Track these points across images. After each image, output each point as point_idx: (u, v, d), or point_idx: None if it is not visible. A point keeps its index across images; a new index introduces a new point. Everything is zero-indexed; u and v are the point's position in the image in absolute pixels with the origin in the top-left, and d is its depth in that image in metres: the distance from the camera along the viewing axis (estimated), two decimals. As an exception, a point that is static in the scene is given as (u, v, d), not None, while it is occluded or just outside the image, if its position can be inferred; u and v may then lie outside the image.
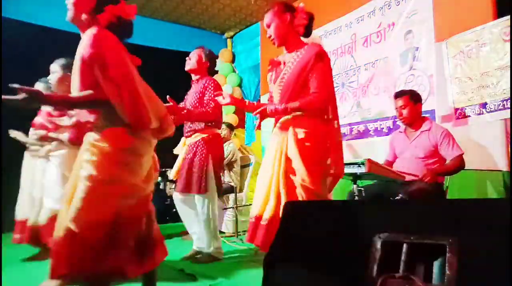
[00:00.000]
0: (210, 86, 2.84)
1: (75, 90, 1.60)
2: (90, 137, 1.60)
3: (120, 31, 1.65)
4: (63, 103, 1.61)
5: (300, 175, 1.90)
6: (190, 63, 2.95)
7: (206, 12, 5.24)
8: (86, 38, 1.56)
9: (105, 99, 1.54)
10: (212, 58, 3.00)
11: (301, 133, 1.95)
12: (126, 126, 1.57)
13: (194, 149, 2.82)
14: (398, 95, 2.84)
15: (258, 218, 1.92)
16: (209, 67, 2.98)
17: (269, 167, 1.99)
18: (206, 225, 2.80)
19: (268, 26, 2.09)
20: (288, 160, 1.94)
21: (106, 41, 1.56)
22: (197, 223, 2.89)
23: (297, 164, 1.90)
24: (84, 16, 1.62)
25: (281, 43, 2.10)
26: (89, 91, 1.55)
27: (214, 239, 2.83)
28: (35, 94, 1.44)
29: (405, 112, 2.76)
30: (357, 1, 3.96)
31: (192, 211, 2.90)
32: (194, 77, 2.99)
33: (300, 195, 1.88)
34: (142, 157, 1.64)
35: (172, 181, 5.78)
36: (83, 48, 1.55)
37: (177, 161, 2.96)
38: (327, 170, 1.99)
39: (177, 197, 2.94)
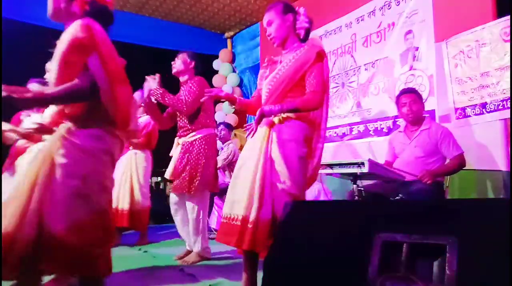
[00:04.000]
0: (195, 84, 2.85)
1: (53, 81, 1.50)
2: (64, 130, 1.53)
3: (99, 19, 1.58)
4: (42, 101, 1.48)
5: (282, 178, 1.84)
6: (176, 66, 2.96)
7: (206, 11, 5.24)
8: (75, 25, 1.48)
9: (89, 91, 1.47)
10: (196, 57, 3.01)
11: (286, 135, 1.91)
12: (105, 124, 1.54)
13: (190, 148, 2.84)
14: (407, 91, 2.83)
15: (245, 220, 1.82)
16: (195, 66, 2.99)
17: (251, 166, 1.91)
18: (195, 224, 2.81)
19: (269, 24, 2.05)
20: (271, 162, 1.88)
21: (97, 30, 1.50)
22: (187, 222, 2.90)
23: (280, 166, 1.86)
24: (62, 5, 1.56)
25: (280, 43, 2.08)
26: (74, 82, 1.46)
27: (202, 238, 2.84)
28: (8, 100, 1.34)
29: (415, 107, 2.74)
30: (357, 1, 3.96)
31: (184, 212, 2.92)
32: (182, 79, 2.98)
33: (281, 197, 1.82)
34: (114, 157, 1.61)
35: (171, 181, 5.79)
36: (71, 33, 1.46)
37: (171, 160, 2.96)
38: (306, 174, 1.96)
39: (172, 197, 2.96)
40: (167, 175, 2.97)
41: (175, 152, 2.95)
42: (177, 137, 2.99)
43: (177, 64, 2.96)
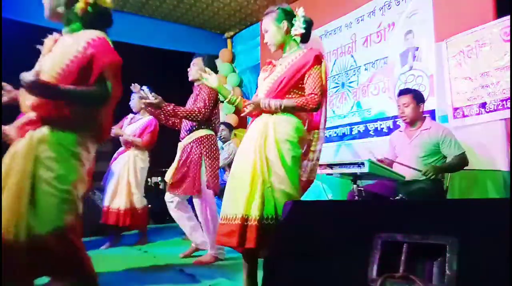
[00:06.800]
0: (204, 87, 2.84)
1: (57, 77, 1.54)
2: (45, 134, 1.52)
3: (99, 21, 1.62)
4: (55, 93, 1.49)
5: (279, 178, 1.84)
6: (192, 74, 2.99)
7: (206, 11, 5.24)
8: (99, 44, 1.54)
9: (104, 100, 1.53)
10: (211, 62, 3.02)
11: (281, 135, 1.90)
12: (83, 131, 1.56)
13: (188, 150, 2.85)
14: (402, 93, 2.84)
15: (245, 219, 1.81)
16: None
17: (249, 165, 1.89)
18: (206, 226, 2.82)
19: (265, 31, 2.08)
20: (267, 162, 1.87)
21: (110, 50, 1.57)
22: (194, 222, 2.94)
23: (276, 167, 1.85)
24: (61, 9, 1.61)
25: (276, 49, 2.10)
26: (93, 88, 1.50)
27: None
28: (34, 83, 1.41)
29: (407, 110, 2.75)
30: (357, 1, 3.96)
31: (184, 214, 2.96)
32: (196, 83, 3.02)
33: (276, 198, 1.82)
34: (85, 164, 1.61)
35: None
36: (94, 52, 1.51)
37: (173, 164, 2.95)
38: (301, 174, 1.98)
39: (168, 196, 2.96)
40: (167, 177, 2.96)
41: (177, 155, 2.95)
42: (179, 142, 2.99)
43: (193, 72, 2.97)
